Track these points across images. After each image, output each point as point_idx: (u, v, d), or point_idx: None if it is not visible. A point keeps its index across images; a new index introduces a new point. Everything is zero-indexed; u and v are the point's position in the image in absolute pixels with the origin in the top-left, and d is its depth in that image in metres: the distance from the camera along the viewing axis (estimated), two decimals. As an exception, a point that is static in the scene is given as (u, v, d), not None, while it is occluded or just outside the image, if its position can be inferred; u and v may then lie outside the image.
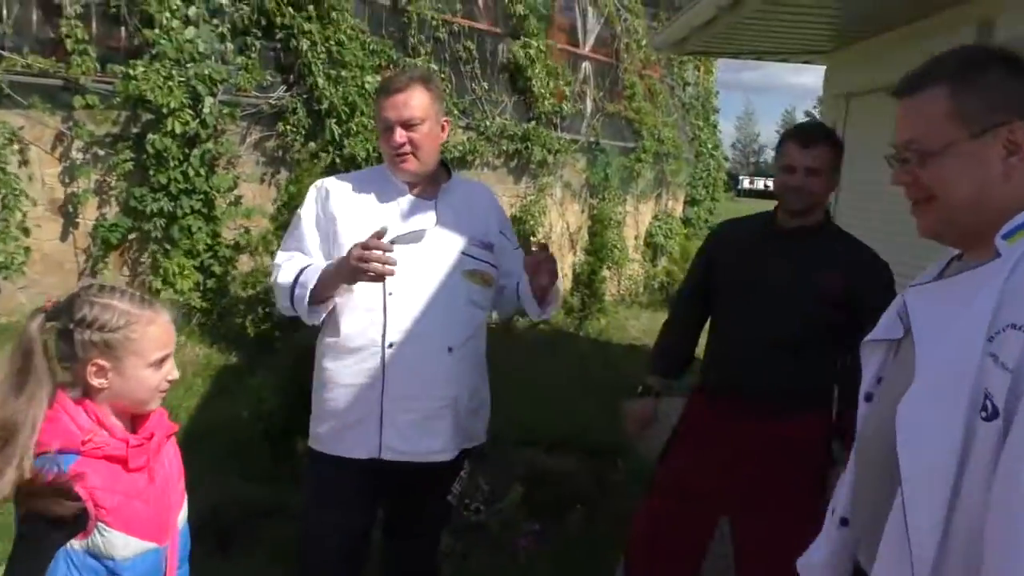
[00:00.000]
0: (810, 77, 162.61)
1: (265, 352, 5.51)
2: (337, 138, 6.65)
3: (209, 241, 6.19)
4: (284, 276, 2.14)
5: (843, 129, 5.20)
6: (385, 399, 2.10)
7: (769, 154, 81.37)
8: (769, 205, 2.66)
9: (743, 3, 4.37)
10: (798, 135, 2.42)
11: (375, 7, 7.33)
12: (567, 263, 9.97)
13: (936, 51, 3.36)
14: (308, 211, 2.22)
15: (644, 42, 10.91)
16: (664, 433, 2.73)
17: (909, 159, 1.21)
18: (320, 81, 6.54)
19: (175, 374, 1.53)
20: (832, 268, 2.38)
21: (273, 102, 6.48)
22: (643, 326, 9.26)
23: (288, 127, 6.54)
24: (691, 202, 13.09)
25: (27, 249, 5.46)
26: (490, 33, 8.54)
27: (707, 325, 2.71)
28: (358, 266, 1.93)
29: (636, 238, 11.40)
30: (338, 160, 6.67)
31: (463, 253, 2.19)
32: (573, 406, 5.91)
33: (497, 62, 8.66)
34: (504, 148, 8.71)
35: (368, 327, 2.12)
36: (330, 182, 2.25)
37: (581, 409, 5.88)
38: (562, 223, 9.94)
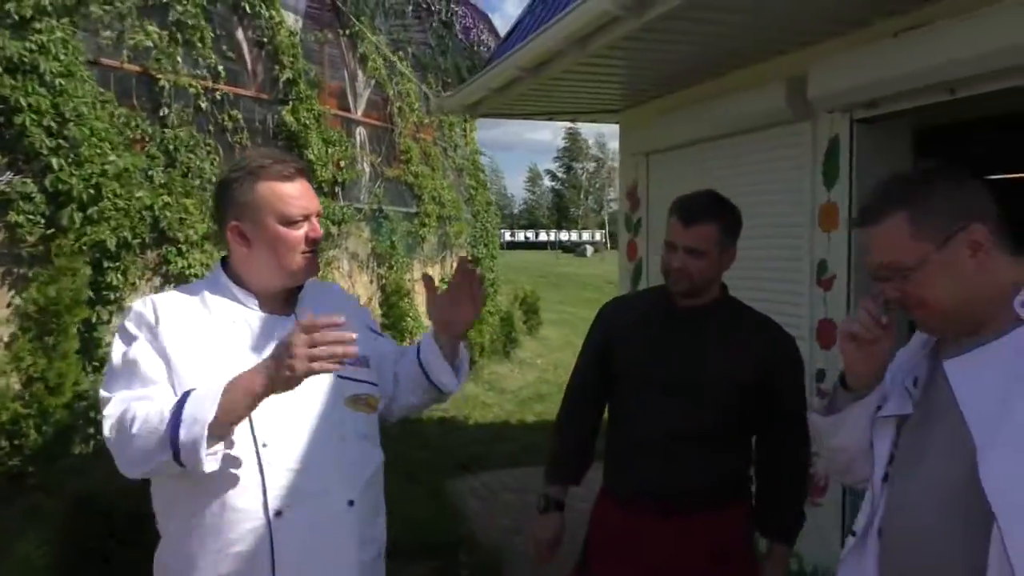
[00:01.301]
0: (547, 134, 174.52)
1: (19, 499, 4.42)
2: (79, 224, 5.66)
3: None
4: (147, 418, 1.51)
5: (646, 187, 5.24)
6: None
7: (519, 206, 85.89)
8: (528, 256, 2.42)
9: (546, 66, 4.25)
10: (680, 210, 2.17)
11: (120, 74, 6.42)
12: (361, 338, 9.39)
13: (743, 108, 3.34)
14: (136, 336, 1.66)
15: (417, 105, 10.76)
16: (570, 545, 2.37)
17: (891, 276, 1.34)
18: (54, 161, 5.54)
19: None
20: (740, 350, 2.16)
21: (12, 189, 5.39)
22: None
23: (22, 215, 5.46)
24: (474, 261, 13.01)
25: None
26: (258, 100, 7.88)
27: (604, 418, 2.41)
28: (306, 364, 1.45)
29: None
30: (84, 248, 5.67)
31: (339, 377, 1.75)
32: (400, 500, 5.37)
33: (268, 130, 8.00)
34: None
35: (242, 492, 1.60)
36: (160, 300, 1.72)
37: (408, 501, 5.36)
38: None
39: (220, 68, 7.30)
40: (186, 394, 1.53)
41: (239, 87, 7.62)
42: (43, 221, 5.58)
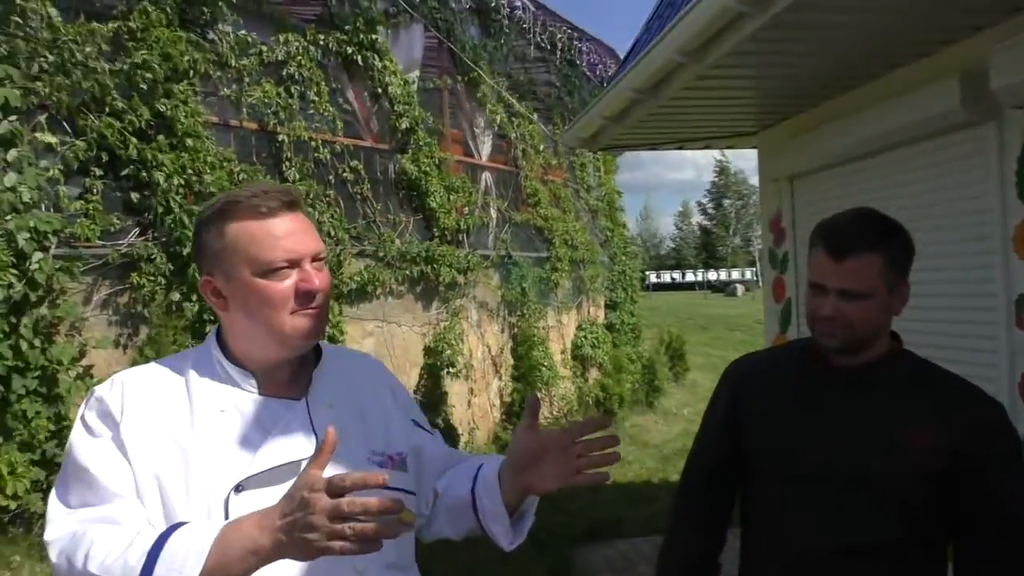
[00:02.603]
0: (690, 172, 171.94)
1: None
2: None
3: (52, 427, 4.98)
4: (107, 556, 1.11)
5: (791, 216, 4.57)
6: None
7: (667, 246, 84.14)
8: (674, 298, 1.83)
9: (664, 85, 3.75)
10: (828, 238, 1.57)
11: (240, 131, 6.46)
12: (493, 391, 9.02)
13: (905, 115, 3.25)
14: (96, 431, 1.27)
15: (542, 147, 10.45)
16: None
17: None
18: (183, 219, 5.56)
19: None
20: (925, 425, 1.53)
21: (123, 250, 5.44)
22: (584, 452, 8.31)
23: (144, 278, 5.49)
24: (611, 306, 12.46)
25: None
26: (376, 150, 7.79)
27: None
28: (325, 542, 1.03)
29: (563, 352, 10.60)
30: (203, 307, 5.63)
31: None
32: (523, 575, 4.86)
33: (389, 180, 7.88)
34: (408, 272, 7.84)
35: None
36: (131, 382, 1.32)
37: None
38: (482, 347, 9.03)
39: (337, 120, 7.25)
40: (165, 535, 1.11)
41: (357, 138, 7.55)
42: (163, 281, 5.59)
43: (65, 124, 5.25)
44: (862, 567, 1.52)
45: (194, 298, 5.65)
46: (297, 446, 1.28)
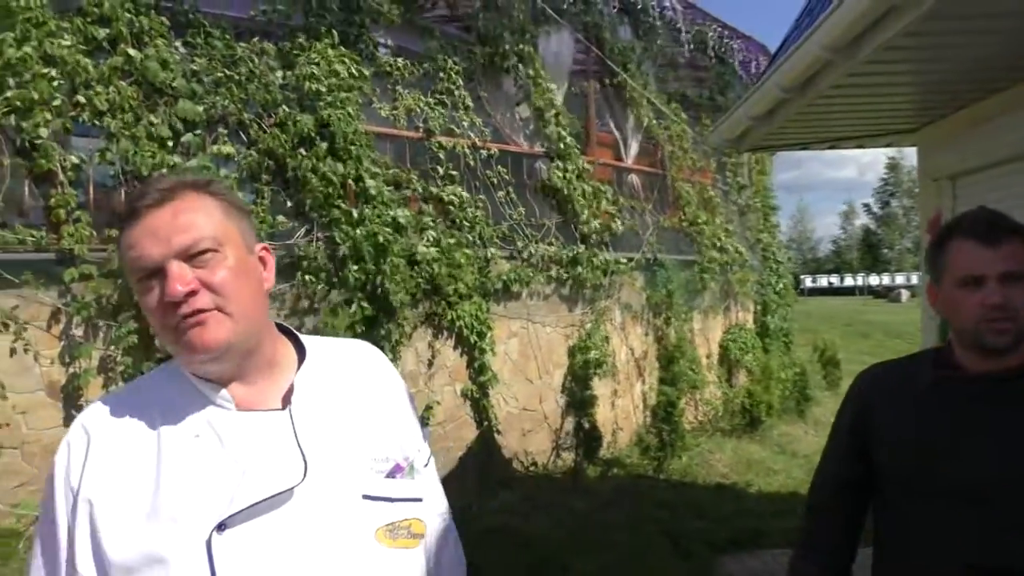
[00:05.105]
0: (851, 171, 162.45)
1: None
2: (365, 281, 6.00)
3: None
4: None
5: (951, 216, 4.30)
6: None
7: (825, 249, 79.83)
8: (833, 304, 1.75)
9: (812, 83, 3.63)
10: (973, 229, 1.52)
11: (395, 138, 6.82)
12: (636, 394, 8.99)
13: None
14: (56, 499, 1.13)
15: (690, 148, 10.30)
16: None
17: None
18: (341, 221, 5.96)
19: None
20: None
21: (299, 250, 5.90)
22: (730, 460, 8.15)
23: (307, 276, 5.91)
24: (762, 310, 12.07)
25: (-1, 448, 4.80)
26: (523, 155, 7.97)
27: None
28: None
29: (708, 357, 10.39)
30: (363, 307, 5.99)
31: (367, 497, 1.16)
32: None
33: (535, 184, 8.04)
34: (553, 274, 7.96)
35: None
36: (96, 424, 1.16)
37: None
38: (625, 349, 9.02)
39: (484, 128, 7.49)
40: None
41: (505, 143, 7.76)
42: (326, 278, 6.01)
43: (241, 133, 5.76)
44: None
45: (355, 298, 6.03)
46: (282, 472, 1.10)
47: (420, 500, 1.23)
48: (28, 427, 5.02)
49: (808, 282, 49.23)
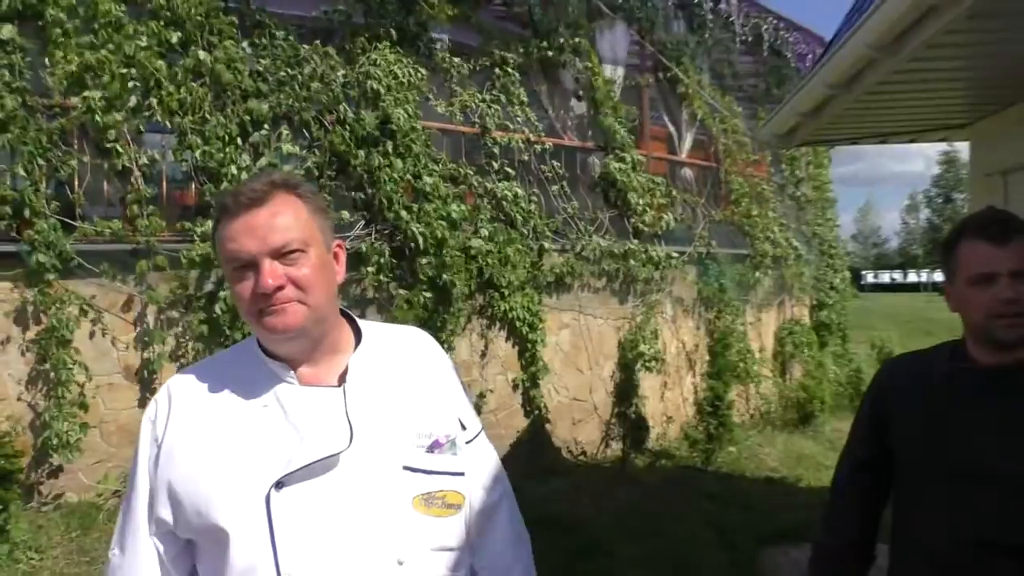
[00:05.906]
0: (919, 164, 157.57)
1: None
2: (429, 274, 6.24)
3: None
4: None
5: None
6: None
7: (893, 244, 77.70)
8: (895, 300, 1.84)
9: (859, 80, 3.67)
10: (987, 230, 1.61)
11: (451, 134, 7.01)
12: (686, 386, 9.03)
13: None
14: (141, 458, 1.35)
15: (745, 141, 10.25)
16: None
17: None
18: (403, 216, 6.19)
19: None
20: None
21: (361, 245, 6.15)
22: (780, 454, 8.14)
23: (368, 269, 6.15)
24: (817, 306, 11.94)
25: (84, 425, 5.12)
26: (578, 149, 8.09)
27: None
28: None
29: (761, 351, 10.35)
30: (426, 297, 6.22)
31: (407, 468, 1.30)
32: (706, 570, 4.93)
33: (588, 178, 8.15)
34: (604, 267, 8.07)
35: None
36: (179, 389, 1.37)
37: (714, 572, 4.92)
38: (676, 343, 9.07)
39: (538, 123, 7.63)
40: None
41: (559, 138, 7.88)
42: (388, 271, 6.25)
43: (305, 132, 6.02)
44: (1008, 567, 1.54)
45: (417, 290, 6.27)
46: (332, 439, 1.26)
47: (461, 474, 1.35)
48: (106, 407, 5.36)
49: (870, 278, 48.08)
